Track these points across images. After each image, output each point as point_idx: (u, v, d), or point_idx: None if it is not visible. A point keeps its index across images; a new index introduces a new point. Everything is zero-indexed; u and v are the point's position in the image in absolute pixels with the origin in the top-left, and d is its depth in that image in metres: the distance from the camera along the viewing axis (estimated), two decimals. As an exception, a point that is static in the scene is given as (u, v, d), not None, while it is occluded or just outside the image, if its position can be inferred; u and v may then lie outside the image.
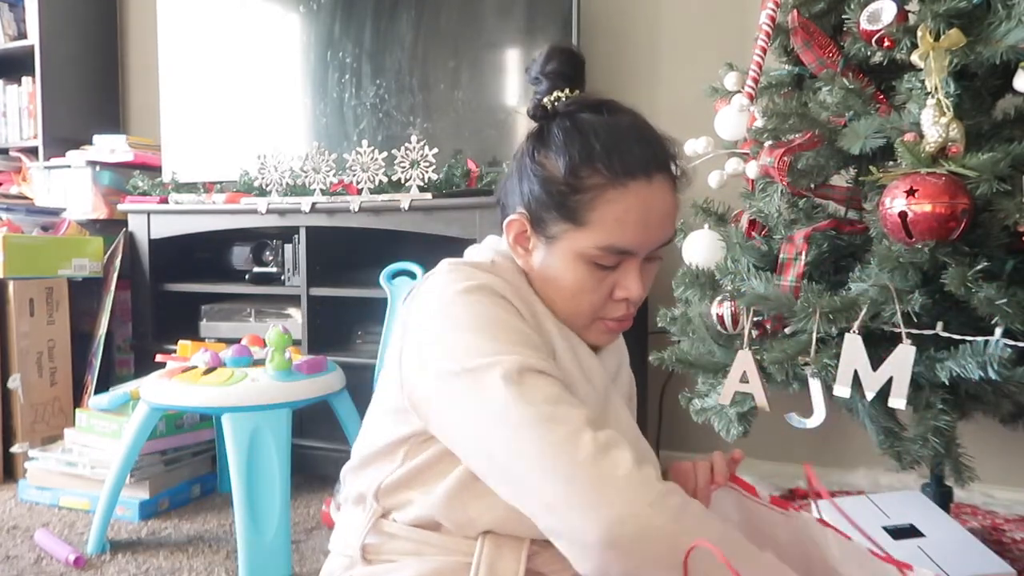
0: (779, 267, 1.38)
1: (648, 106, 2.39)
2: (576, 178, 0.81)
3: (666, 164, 0.84)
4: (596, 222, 0.81)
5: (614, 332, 0.89)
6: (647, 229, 0.82)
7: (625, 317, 0.87)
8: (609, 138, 0.82)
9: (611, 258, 0.82)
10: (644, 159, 0.81)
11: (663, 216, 0.83)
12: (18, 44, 3.06)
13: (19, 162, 3.11)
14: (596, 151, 0.81)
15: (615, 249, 0.82)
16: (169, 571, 1.72)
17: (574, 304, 0.85)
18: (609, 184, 0.80)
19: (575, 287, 0.84)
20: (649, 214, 0.81)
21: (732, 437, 1.50)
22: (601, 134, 0.82)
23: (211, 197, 2.42)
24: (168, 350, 2.27)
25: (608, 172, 0.80)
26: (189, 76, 2.71)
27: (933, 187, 1.14)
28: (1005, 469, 1.97)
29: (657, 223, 0.82)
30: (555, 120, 0.85)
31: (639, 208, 0.81)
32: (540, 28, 2.26)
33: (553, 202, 0.83)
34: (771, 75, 1.59)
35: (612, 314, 0.86)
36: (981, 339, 1.15)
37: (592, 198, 0.80)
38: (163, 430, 2.06)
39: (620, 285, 0.84)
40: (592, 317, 0.86)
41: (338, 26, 2.48)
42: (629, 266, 0.84)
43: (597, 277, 0.83)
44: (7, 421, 2.32)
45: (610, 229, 0.81)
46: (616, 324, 0.87)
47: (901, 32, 1.31)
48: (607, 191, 0.80)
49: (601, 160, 0.80)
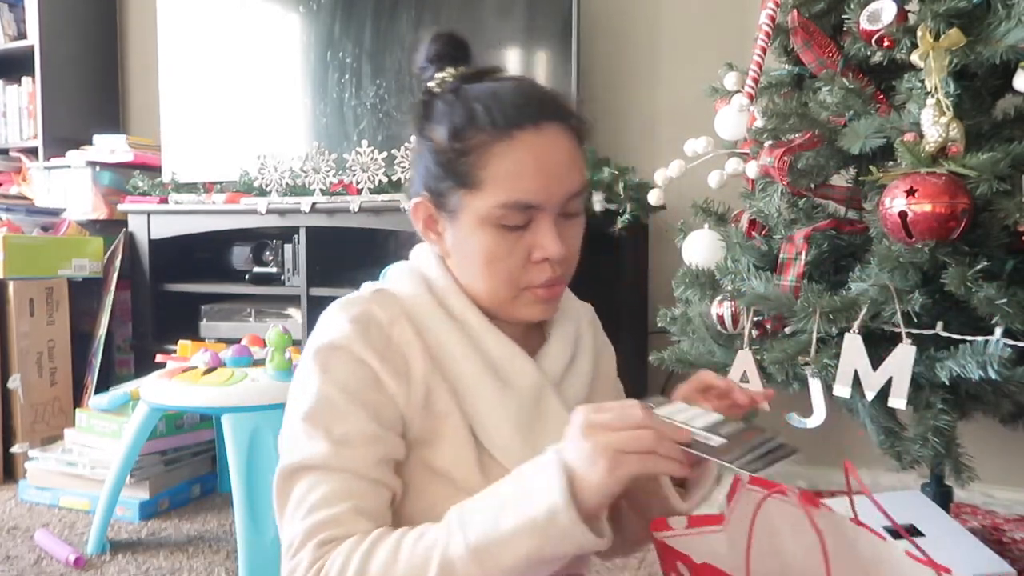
0: (779, 267, 1.38)
1: (648, 106, 2.41)
2: (461, 140, 0.78)
3: (557, 113, 0.80)
4: (490, 180, 0.78)
5: (546, 301, 0.83)
6: (545, 178, 0.78)
7: (552, 281, 0.81)
8: (490, 98, 0.79)
9: (516, 215, 0.78)
10: (528, 109, 0.78)
11: (561, 164, 0.79)
12: (18, 44, 3.07)
13: (19, 162, 3.11)
14: (478, 111, 0.78)
15: (516, 204, 0.78)
16: (169, 571, 1.72)
17: (492, 276, 0.81)
18: (494, 139, 0.77)
19: (487, 256, 0.80)
20: (544, 162, 0.78)
21: (732, 437, 1.50)
22: (483, 96, 0.79)
23: (211, 197, 2.42)
24: (168, 350, 2.26)
25: (492, 127, 0.77)
26: (189, 76, 2.71)
27: (933, 187, 1.14)
28: (1005, 469, 1.97)
29: (556, 172, 0.78)
30: (439, 96, 0.83)
31: (531, 157, 0.77)
32: (540, 28, 2.26)
33: (445, 171, 0.80)
34: (771, 75, 1.59)
35: (536, 280, 0.81)
36: (981, 339, 1.15)
37: (480, 156, 0.78)
38: (163, 430, 2.06)
39: (536, 245, 0.79)
40: (515, 287, 0.82)
41: (338, 26, 2.48)
42: (540, 222, 0.79)
43: (509, 241, 0.79)
44: (7, 421, 2.32)
45: (505, 184, 0.77)
46: (545, 291, 0.82)
47: (901, 32, 1.31)
48: (493, 146, 0.77)
49: (483, 117, 0.78)
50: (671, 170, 1.59)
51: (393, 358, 0.79)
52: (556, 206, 0.79)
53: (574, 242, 0.84)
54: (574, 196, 0.81)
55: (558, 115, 0.80)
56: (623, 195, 2.04)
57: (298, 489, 0.75)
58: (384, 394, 0.78)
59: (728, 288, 1.47)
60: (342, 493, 0.73)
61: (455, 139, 0.79)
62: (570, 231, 0.82)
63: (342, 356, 0.78)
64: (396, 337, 0.80)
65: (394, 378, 0.78)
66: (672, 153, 1.65)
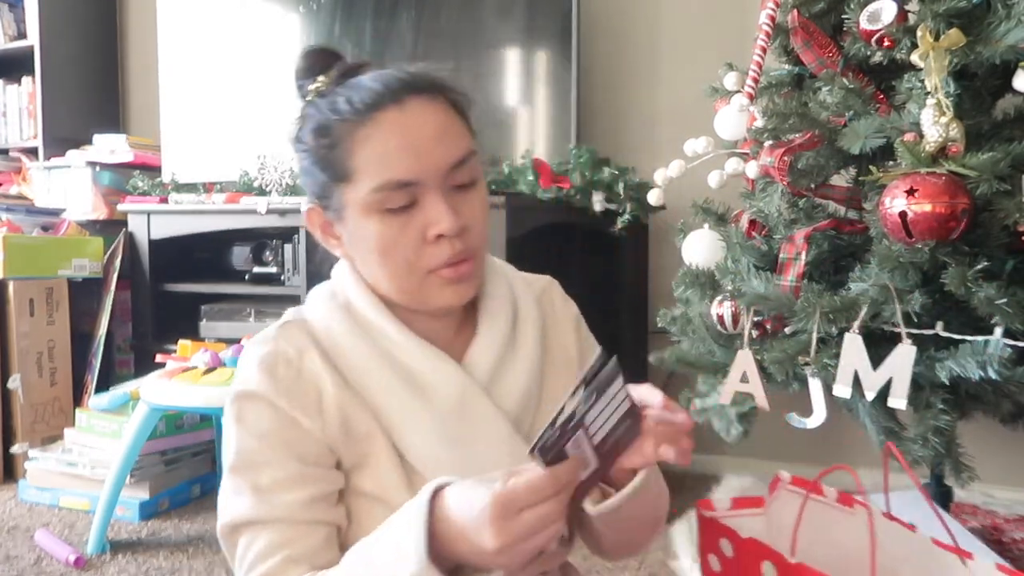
0: (779, 267, 1.38)
1: (648, 106, 2.41)
2: (327, 135, 0.77)
3: (421, 87, 0.78)
4: (361, 167, 0.76)
5: (457, 282, 0.79)
6: (414, 152, 0.75)
7: (456, 258, 0.77)
8: (351, 88, 0.78)
9: (396, 196, 0.76)
10: (388, 88, 0.77)
11: (430, 136, 0.76)
12: (18, 44, 3.07)
13: (19, 162, 3.11)
14: (339, 103, 0.77)
15: (389, 184, 0.75)
16: (169, 571, 1.72)
17: (390, 266, 0.78)
18: (357, 124, 0.76)
19: (381, 246, 0.77)
20: (412, 136, 0.76)
21: (732, 437, 1.50)
22: (344, 90, 0.79)
23: (211, 197, 2.42)
24: (168, 350, 2.26)
25: (353, 114, 0.76)
26: (189, 76, 2.71)
27: (933, 187, 1.14)
28: (1005, 469, 1.97)
29: (425, 144, 0.76)
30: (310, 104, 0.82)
31: (397, 134, 0.75)
32: (540, 28, 2.26)
33: (320, 170, 0.79)
34: (771, 75, 1.59)
35: (437, 260, 0.77)
36: (981, 339, 1.15)
37: (347, 145, 0.76)
38: (163, 430, 2.06)
39: (428, 223, 0.76)
40: (418, 273, 0.78)
41: (338, 26, 2.48)
42: (427, 198, 0.76)
43: (397, 224, 0.76)
44: (7, 421, 2.32)
45: (375, 166, 0.75)
46: (451, 271, 0.78)
47: (901, 32, 1.31)
48: (357, 132, 0.76)
49: (344, 107, 0.77)
50: (671, 170, 1.59)
51: (303, 394, 0.78)
52: (437, 179, 0.76)
53: (473, 213, 0.79)
54: (457, 166, 0.77)
55: (423, 89, 0.78)
56: (623, 195, 2.04)
57: (239, 547, 0.77)
58: (301, 431, 0.77)
59: (728, 288, 1.47)
60: (275, 545, 0.74)
61: (321, 135, 0.78)
62: (467, 202, 0.79)
63: (253, 403, 0.78)
64: (306, 370, 0.78)
65: (306, 414, 0.77)
66: (672, 153, 1.65)
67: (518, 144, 2.27)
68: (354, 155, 0.76)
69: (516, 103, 2.30)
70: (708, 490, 2.05)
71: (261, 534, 0.75)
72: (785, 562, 0.85)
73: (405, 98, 0.77)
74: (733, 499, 1.02)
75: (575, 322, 0.93)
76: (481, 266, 0.83)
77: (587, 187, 2.02)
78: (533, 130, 2.31)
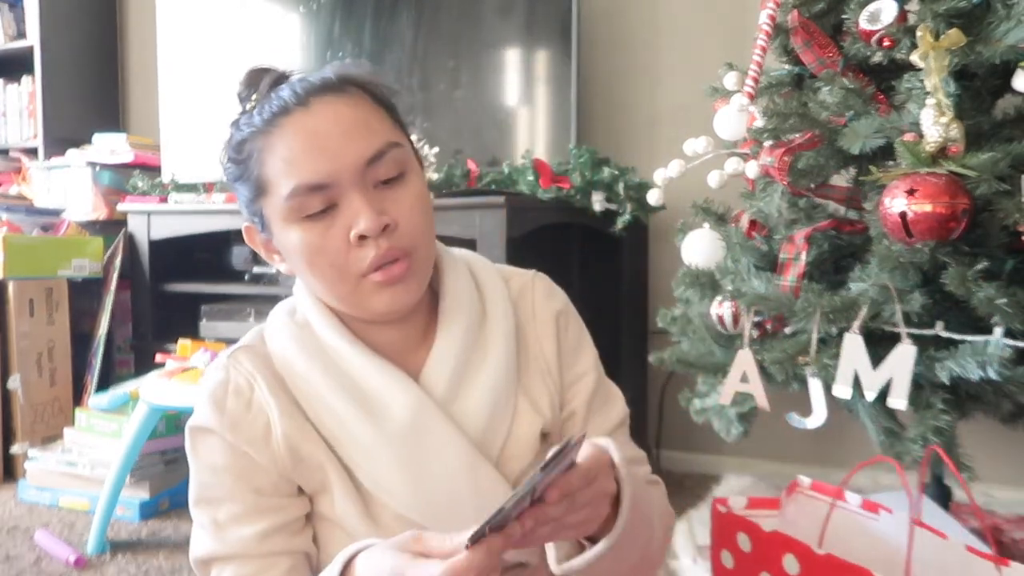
0: (779, 267, 1.38)
1: (648, 106, 2.41)
2: (242, 148, 0.76)
3: (329, 85, 0.75)
4: (273, 176, 0.73)
5: (389, 284, 0.74)
6: (321, 153, 0.71)
7: (383, 259, 0.72)
8: (263, 101, 0.76)
9: (311, 201, 0.72)
10: (295, 94, 0.74)
11: (338, 134, 0.72)
12: (18, 44, 3.07)
13: (19, 162, 3.11)
14: (253, 117, 0.76)
15: (301, 189, 0.72)
16: (169, 571, 1.72)
17: (320, 274, 0.75)
18: (263, 133, 0.74)
19: (307, 254, 0.74)
20: (319, 137, 0.72)
21: (732, 437, 1.50)
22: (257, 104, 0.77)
23: (211, 197, 2.42)
24: (168, 350, 2.26)
25: (260, 124, 0.74)
26: (189, 76, 2.71)
27: (933, 187, 1.14)
28: (1005, 469, 1.97)
29: (333, 144, 0.72)
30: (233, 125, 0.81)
31: (302, 137, 0.72)
32: (540, 28, 2.25)
33: (242, 186, 0.77)
34: (771, 75, 1.59)
35: (365, 263, 0.73)
36: (981, 339, 1.15)
37: (258, 156, 0.74)
38: (163, 430, 2.06)
39: (350, 225, 0.72)
40: (349, 278, 0.74)
41: (338, 26, 2.48)
42: (346, 198, 0.72)
43: (317, 230, 0.73)
44: (7, 421, 2.32)
45: (285, 173, 0.72)
46: (382, 274, 0.73)
47: (901, 32, 1.31)
48: (266, 141, 0.73)
49: (255, 120, 0.75)
50: (671, 170, 1.59)
51: (251, 426, 0.77)
52: (354, 177, 0.72)
53: (401, 209, 0.74)
54: (374, 160, 0.73)
55: (330, 87, 0.75)
56: (623, 195, 2.04)
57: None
58: (253, 463, 0.76)
59: (728, 288, 1.47)
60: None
61: (238, 152, 0.77)
62: (393, 199, 0.74)
63: (205, 437, 0.78)
64: (255, 400, 0.77)
65: (255, 447, 0.76)
66: (672, 153, 1.65)
67: (518, 144, 2.27)
68: (265, 164, 0.74)
69: (516, 103, 2.30)
70: (708, 490, 2.05)
71: (226, 568, 0.76)
72: (812, 554, 0.85)
73: (311, 99, 0.74)
74: (750, 498, 1.02)
75: (555, 320, 0.85)
76: (422, 266, 0.77)
77: (587, 187, 2.02)
78: (533, 130, 2.31)
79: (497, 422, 0.79)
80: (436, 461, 0.76)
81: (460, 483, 0.76)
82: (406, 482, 0.76)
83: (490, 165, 2.22)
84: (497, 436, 0.79)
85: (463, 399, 0.78)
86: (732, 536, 0.96)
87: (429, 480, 0.76)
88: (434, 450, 0.76)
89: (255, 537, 0.75)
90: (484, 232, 1.93)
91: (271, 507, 0.76)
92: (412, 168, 0.77)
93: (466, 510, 0.75)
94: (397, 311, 0.77)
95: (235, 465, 0.77)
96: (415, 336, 0.81)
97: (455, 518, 0.74)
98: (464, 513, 0.75)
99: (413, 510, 0.76)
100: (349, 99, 0.75)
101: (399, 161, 0.75)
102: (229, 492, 0.77)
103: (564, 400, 0.85)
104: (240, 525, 0.76)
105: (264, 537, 0.75)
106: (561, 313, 0.86)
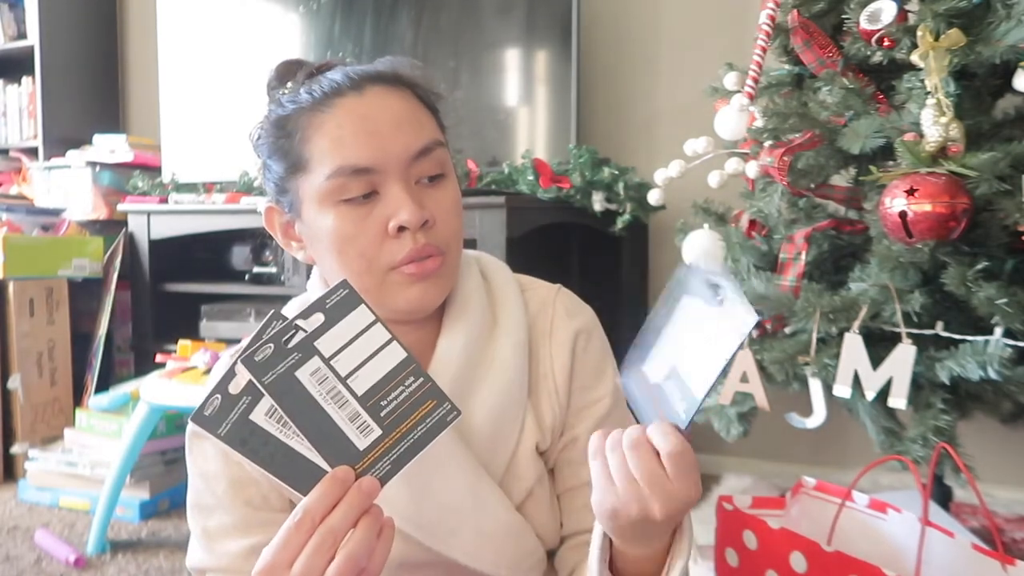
0: (779, 267, 1.38)
1: (648, 106, 2.41)
2: (285, 124, 0.75)
3: (383, 76, 0.75)
4: (316, 154, 0.72)
5: (422, 279, 0.73)
6: (371, 137, 0.71)
7: (419, 253, 0.71)
8: (314, 81, 0.76)
9: (353, 184, 0.71)
10: (348, 78, 0.73)
11: (389, 123, 0.72)
12: (18, 44, 3.06)
13: (19, 162, 3.11)
14: (300, 95, 0.75)
15: (346, 170, 0.70)
16: (169, 571, 1.72)
17: (348, 262, 0.72)
18: (313, 111, 0.73)
19: (338, 240, 0.72)
20: (370, 122, 0.71)
21: (732, 437, 1.50)
22: (307, 84, 0.76)
23: (211, 197, 2.42)
24: (168, 350, 2.26)
25: (311, 102, 0.73)
26: (189, 76, 2.71)
27: (933, 187, 1.14)
28: (1005, 469, 1.97)
29: (384, 130, 0.71)
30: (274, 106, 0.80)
31: (353, 120, 0.71)
32: (540, 28, 2.25)
33: (275, 162, 0.76)
34: (771, 75, 1.59)
35: (399, 255, 0.71)
36: (981, 339, 1.15)
37: (303, 132, 0.73)
38: (163, 430, 2.06)
39: (390, 215, 0.71)
40: (378, 270, 0.72)
41: (338, 26, 2.48)
42: (388, 188, 0.71)
43: (355, 216, 0.71)
44: (7, 421, 2.32)
45: (331, 152, 0.71)
46: (415, 267, 0.72)
47: (901, 32, 1.31)
48: (313, 119, 0.73)
49: (304, 97, 0.74)
50: (671, 170, 1.59)
51: None
52: (399, 168, 0.72)
53: (441, 207, 0.74)
54: (420, 155, 0.73)
55: (384, 79, 0.75)
56: (623, 195, 2.04)
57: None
58: (244, 472, 0.75)
59: (728, 288, 1.47)
60: None
61: (279, 127, 0.75)
62: (434, 196, 0.74)
63: (201, 443, 0.77)
64: None
65: None
66: (672, 153, 1.65)
67: (518, 144, 2.27)
68: (310, 142, 0.73)
69: (516, 103, 2.30)
70: (708, 490, 2.05)
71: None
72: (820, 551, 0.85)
73: (366, 85, 0.74)
74: (754, 498, 1.02)
75: (573, 340, 0.81)
76: (452, 268, 0.76)
77: (587, 187, 2.02)
78: (533, 130, 2.31)
79: (503, 437, 0.77)
80: (437, 473, 0.74)
81: (461, 497, 0.74)
82: (404, 495, 0.74)
83: (490, 165, 2.22)
84: (502, 452, 0.77)
85: (467, 408, 0.75)
86: (738, 534, 0.96)
87: (429, 493, 0.75)
88: (435, 461, 0.73)
89: (243, 553, 0.75)
90: (484, 232, 1.93)
91: (260, 522, 0.75)
92: (451, 172, 0.77)
93: (465, 530, 0.74)
94: (423, 308, 0.75)
95: (226, 473, 0.76)
96: (427, 340, 0.78)
97: (453, 536, 0.74)
98: (463, 532, 0.74)
99: (410, 523, 0.75)
100: (400, 93, 0.75)
101: (442, 161, 0.75)
102: (219, 501, 0.76)
103: (568, 424, 0.81)
104: (229, 538, 0.76)
105: (252, 553, 0.74)
106: (581, 333, 0.82)
